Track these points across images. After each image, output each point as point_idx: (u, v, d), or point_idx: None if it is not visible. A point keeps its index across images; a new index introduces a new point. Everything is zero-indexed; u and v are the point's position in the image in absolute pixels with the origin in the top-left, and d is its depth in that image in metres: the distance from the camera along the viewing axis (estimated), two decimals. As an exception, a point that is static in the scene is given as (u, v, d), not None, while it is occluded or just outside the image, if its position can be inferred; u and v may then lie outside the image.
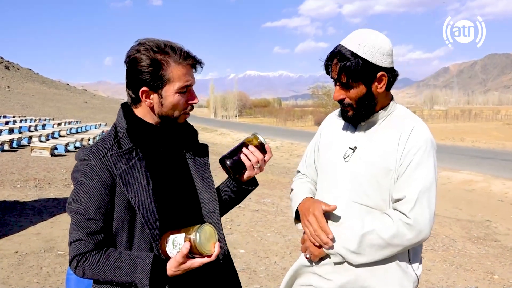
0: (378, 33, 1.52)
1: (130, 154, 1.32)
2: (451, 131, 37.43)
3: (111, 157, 1.29)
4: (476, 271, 5.05)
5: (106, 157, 1.29)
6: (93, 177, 1.27)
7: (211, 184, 1.47)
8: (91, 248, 1.26)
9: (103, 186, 1.27)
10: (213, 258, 1.20)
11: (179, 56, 1.30)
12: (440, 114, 73.14)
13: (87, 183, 1.27)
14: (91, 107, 50.15)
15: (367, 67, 1.47)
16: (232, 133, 36.19)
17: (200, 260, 1.20)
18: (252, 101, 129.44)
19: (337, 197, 1.57)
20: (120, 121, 1.37)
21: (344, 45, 1.50)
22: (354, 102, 1.53)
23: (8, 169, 9.28)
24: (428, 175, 1.47)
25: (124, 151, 1.31)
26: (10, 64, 78.60)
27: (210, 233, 1.21)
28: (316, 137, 1.81)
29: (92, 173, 1.27)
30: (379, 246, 1.46)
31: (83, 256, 1.26)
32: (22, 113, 27.19)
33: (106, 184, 1.27)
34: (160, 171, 1.37)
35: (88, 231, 1.26)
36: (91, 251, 1.26)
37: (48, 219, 5.65)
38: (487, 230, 7.55)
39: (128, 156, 1.31)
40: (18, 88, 54.85)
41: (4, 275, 3.80)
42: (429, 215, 1.45)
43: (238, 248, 4.95)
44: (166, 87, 1.30)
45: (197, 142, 1.53)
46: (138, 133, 1.34)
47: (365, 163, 1.53)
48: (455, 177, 13.55)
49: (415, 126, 1.53)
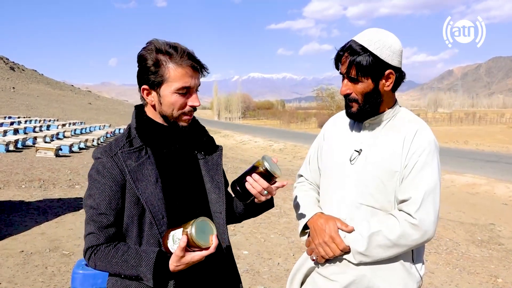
0: (390, 33, 1.56)
1: (139, 152, 1.37)
2: (455, 134, 37.31)
3: (122, 155, 1.35)
4: (480, 274, 5.04)
5: (117, 155, 1.35)
6: (105, 174, 1.34)
7: (220, 185, 1.49)
8: (102, 242, 1.33)
9: (114, 182, 1.34)
10: (211, 250, 1.21)
11: (180, 57, 1.33)
12: (444, 117, 72.88)
13: (100, 180, 1.34)
14: (95, 108, 50.32)
15: (376, 62, 1.49)
16: (235, 135, 36.22)
17: (199, 253, 1.22)
18: (255, 103, 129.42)
19: (343, 198, 1.59)
20: (132, 121, 1.44)
21: (356, 40, 1.53)
22: (360, 97, 1.55)
23: (13, 169, 9.34)
24: (433, 177, 1.50)
25: (133, 149, 1.37)
26: (15, 65, 79.01)
27: (206, 226, 1.22)
28: (319, 140, 1.82)
29: (104, 170, 1.34)
30: (386, 247, 1.48)
31: (95, 248, 1.33)
32: (27, 114, 27.31)
33: (117, 181, 1.34)
34: (170, 169, 1.41)
35: (99, 225, 1.33)
36: (102, 244, 1.33)
37: (53, 219, 5.70)
38: (491, 233, 7.51)
39: (137, 154, 1.37)
40: (23, 89, 55.12)
41: (10, 274, 3.83)
42: (434, 216, 1.48)
43: (242, 249, 4.96)
44: (164, 86, 1.34)
45: (211, 143, 1.55)
46: (147, 132, 1.40)
47: (370, 165, 1.55)
48: (458, 180, 13.50)
49: (419, 128, 1.55)
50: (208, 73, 1.42)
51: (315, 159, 1.81)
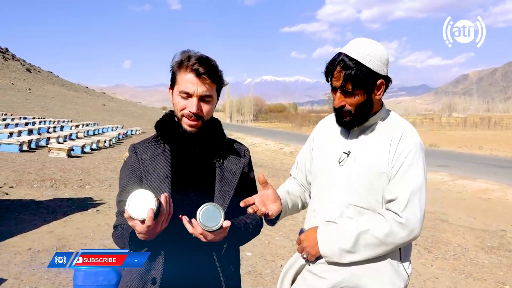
0: (376, 42, 1.60)
1: (156, 148, 1.54)
2: (470, 139, 36.80)
3: (140, 149, 1.54)
4: (487, 281, 4.97)
5: (138, 149, 1.55)
6: (128, 166, 1.55)
7: (226, 196, 1.52)
8: (119, 223, 1.50)
9: (133, 173, 1.52)
10: (147, 223, 1.23)
11: (186, 65, 1.48)
12: (458, 122, 71.99)
13: (124, 170, 1.56)
14: (109, 109, 50.94)
15: (369, 75, 1.54)
16: (246, 137, 36.30)
17: (133, 221, 1.26)
18: (268, 106, 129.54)
19: (333, 199, 1.63)
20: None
21: (347, 53, 1.56)
22: (353, 109, 1.59)
23: (26, 169, 9.53)
24: (418, 177, 1.54)
25: (152, 144, 1.55)
26: (31, 67, 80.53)
27: (144, 199, 1.24)
28: (309, 142, 1.88)
29: (128, 160, 1.56)
30: (373, 245, 1.52)
31: (115, 228, 1.51)
32: (42, 115, 27.79)
33: (135, 171, 1.52)
34: (184, 170, 1.51)
35: (119, 209, 1.51)
36: (120, 225, 1.49)
37: (62, 218, 5.80)
38: (501, 239, 7.39)
39: (154, 149, 1.54)
40: (39, 90, 56.12)
41: (17, 271, 3.91)
42: (420, 214, 1.53)
43: (245, 251, 4.98)
44: (175, 87, 1.53)
45: (232, 154, 1.61)
46: (164, 128, 1.56)
47: (359, 166, 1.59)
48: (470, 186, 13.32)
49: (405, 130, 1.60)
50: (221, 82, 1.54)
51: (303, 161, 1.88)
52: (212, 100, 1.52)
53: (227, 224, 1.34)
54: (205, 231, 1.32)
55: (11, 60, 74.31)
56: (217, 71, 1.51)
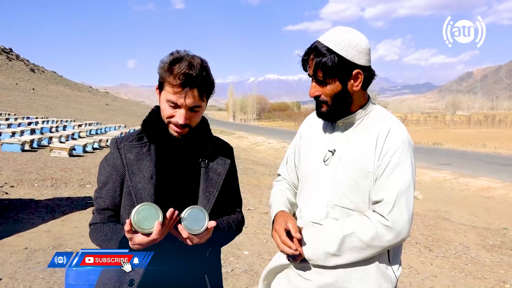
0: (356, 31, 1.53)
1: (141, 147, 1.48)
2: (474, 137, 36.63)
3: (124, 147, 1.48)
4: (487, 279, 4.92)
5: (122, 147, 1.48)
6: (110, 162, 1.49)
7: (211, 197, 1.49)
8: (97, 221, 1.46)
9: (114, 170, 1.46)
10: (153, 236, 1.24)
11: (176, 72, 1.35)
12: (462, 120, 71.61)
13: (105, 167, 1.49)
14: (112, 109, 51.08)
15: (342, 63, 1.47)
16: (249, 136, 36.29)
17: (141, 237, 1.26)
18: (271, 105, 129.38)
19: (318, 200, 1.58)
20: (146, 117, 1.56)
21: (321, 41, 1.50)
22: (329, 99, 1.53)
23: (27, 168, 9.54)
24: (406, 177, 1.47)
25: (137, 144, 1.49)
26: (35, 67, 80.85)
27: (149, 212, 1.25)
28: (296, 139, 1.81)
29: (110, 156, 1.50)
30: (359, 248, 1.46)
31: (91, 226, 1.47)
32: (45, 114, 27.88)
33: (118, 170, 1.46)
34: (169, 170, 1.46)
35: (97, 207, 1.48)
36: (96, 223, 1.46)
37: (60, 217, 5.79)
38: (503, 238, 7.33)
39: (139, 149, 1.48)
40: (43, 90, 56.34)
41: (12, 270, 3.90)
42: (408, 216, 1.46)
43: (243, 249, 4.95)
44: (163, 93, 1.42)
45: (219, 154, 1.57)
46: (151, 128, 1.49)
47: (344, 166, 1.53)
48: (473, 184, 13.25)
49: (392, 127, 1.52)
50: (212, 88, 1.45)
51: (292, 158, 1.80)
52: (201, 109, 1.44)
53: (212, 225, 1.33)
54: (190, 234, 1.32)
55: (15, 61, 74.60)
56: (208, 78, 1.41)
